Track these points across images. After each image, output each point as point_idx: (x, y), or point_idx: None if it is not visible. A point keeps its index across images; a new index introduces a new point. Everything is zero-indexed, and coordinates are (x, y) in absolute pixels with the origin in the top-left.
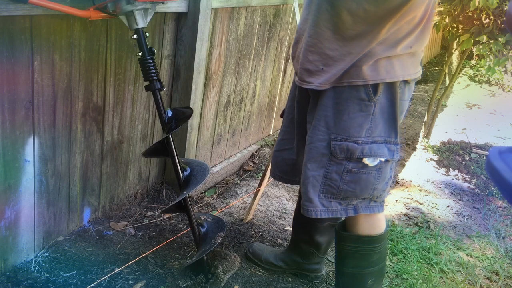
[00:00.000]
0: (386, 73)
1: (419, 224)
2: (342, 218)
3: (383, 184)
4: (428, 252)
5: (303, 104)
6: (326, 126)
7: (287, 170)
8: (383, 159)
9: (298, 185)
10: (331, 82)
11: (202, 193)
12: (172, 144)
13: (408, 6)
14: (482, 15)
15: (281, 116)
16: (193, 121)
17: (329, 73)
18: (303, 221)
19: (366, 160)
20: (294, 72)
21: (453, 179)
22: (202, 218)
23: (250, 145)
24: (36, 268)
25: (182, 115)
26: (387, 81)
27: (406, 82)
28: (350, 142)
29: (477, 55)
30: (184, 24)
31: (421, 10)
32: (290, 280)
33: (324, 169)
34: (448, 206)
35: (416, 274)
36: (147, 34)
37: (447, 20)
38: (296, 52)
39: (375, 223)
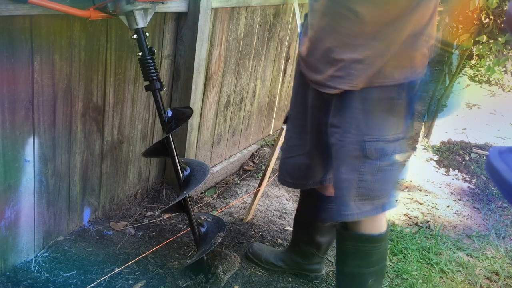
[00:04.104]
0: (411, 71)
1: (419, 224)
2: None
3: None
4: (428, 252)
5: (319, 108)
6: (356, 128)
7: (300, 176)
8: (410, 153)
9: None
10: (362, 83)
11: (202, 193)
12: (172, 144)
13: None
14: (482, 14)
15: (284, 122)
16: (193, 121)
17: (360, 77)
18: (304, 222)
19: (397, 157)
20: (308, 79)
21: (453, 179)
22: (202, 218)
23: (250, 145)
24: (36, 268)
25: (182, 115)
26: (411, 79)
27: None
28: (384, 141)
29: (477, 55)
30: (184, 24)
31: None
32: (290, 280)
33: (357, 171)
34: (448, 206)
35: (416, 274)
36: (147, 34)
37: (447, 19)
38: (311, 61)
39: (377, 222)
